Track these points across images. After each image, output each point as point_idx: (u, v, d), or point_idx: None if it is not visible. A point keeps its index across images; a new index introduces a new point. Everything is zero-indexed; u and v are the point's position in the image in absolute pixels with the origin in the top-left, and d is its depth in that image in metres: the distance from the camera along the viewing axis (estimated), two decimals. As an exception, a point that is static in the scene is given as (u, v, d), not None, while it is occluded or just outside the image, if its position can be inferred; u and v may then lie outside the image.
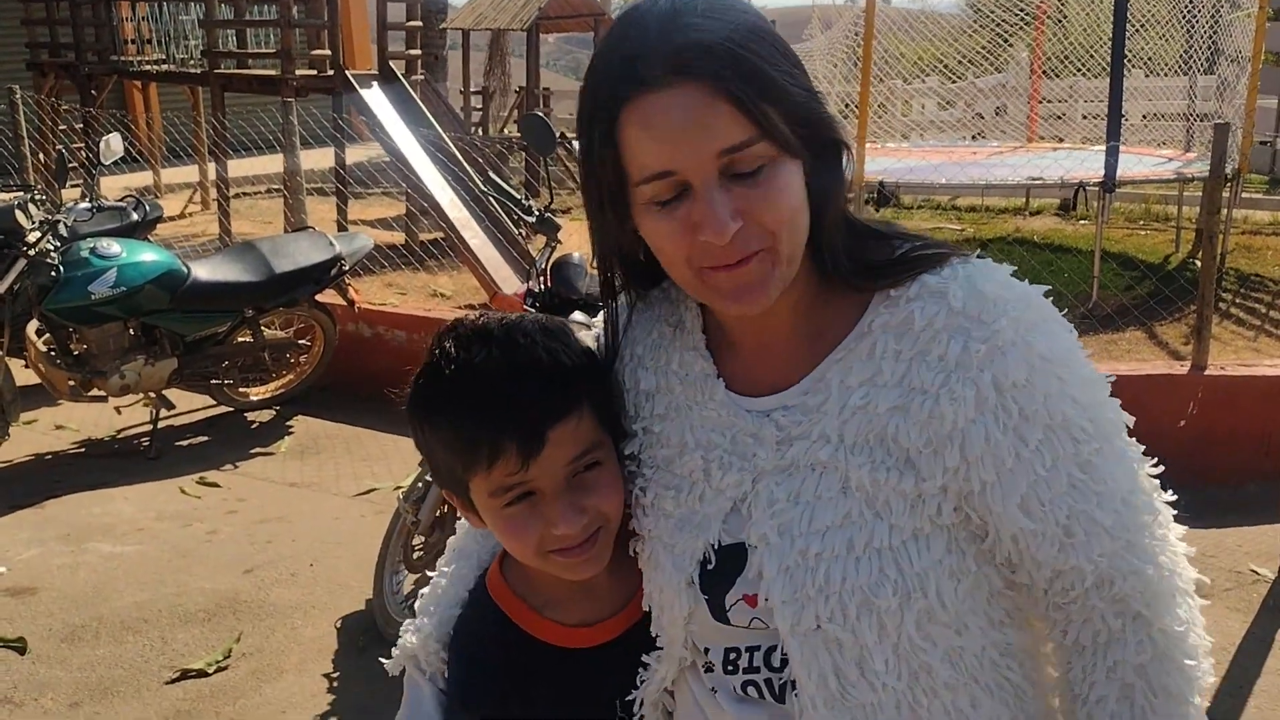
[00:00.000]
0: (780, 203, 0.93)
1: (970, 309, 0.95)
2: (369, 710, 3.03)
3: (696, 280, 0.97)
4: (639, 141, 0.93)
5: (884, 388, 0.97)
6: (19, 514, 4.33)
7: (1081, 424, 0.95)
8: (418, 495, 3.33)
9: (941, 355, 0.95)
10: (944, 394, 0.94)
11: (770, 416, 1.03)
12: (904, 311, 0.97)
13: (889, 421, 0.96)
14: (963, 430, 0.94)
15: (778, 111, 0.92)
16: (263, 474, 4.82)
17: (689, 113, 0.90)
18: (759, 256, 0.94)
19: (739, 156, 0.91)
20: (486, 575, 1.23)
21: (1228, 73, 8.30)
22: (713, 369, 1.08)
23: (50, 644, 3.36)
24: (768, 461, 1.02)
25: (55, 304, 4.64)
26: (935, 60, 10.65)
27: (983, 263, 1.00)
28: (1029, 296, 0.98)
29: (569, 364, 1.08)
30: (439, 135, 7.51)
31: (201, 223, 10.53)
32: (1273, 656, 3.20)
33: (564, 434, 1.05)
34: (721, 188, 0.92)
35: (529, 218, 3.46)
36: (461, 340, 1.09)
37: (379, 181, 10.48)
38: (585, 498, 1.08)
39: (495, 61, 15.37)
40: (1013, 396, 0.93)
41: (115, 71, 10.53)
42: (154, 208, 6.14)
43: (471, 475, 1.08)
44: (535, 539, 1.07)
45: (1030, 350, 0.94)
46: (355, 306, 5.50)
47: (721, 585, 1.04)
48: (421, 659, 1.24)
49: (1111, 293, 6.81)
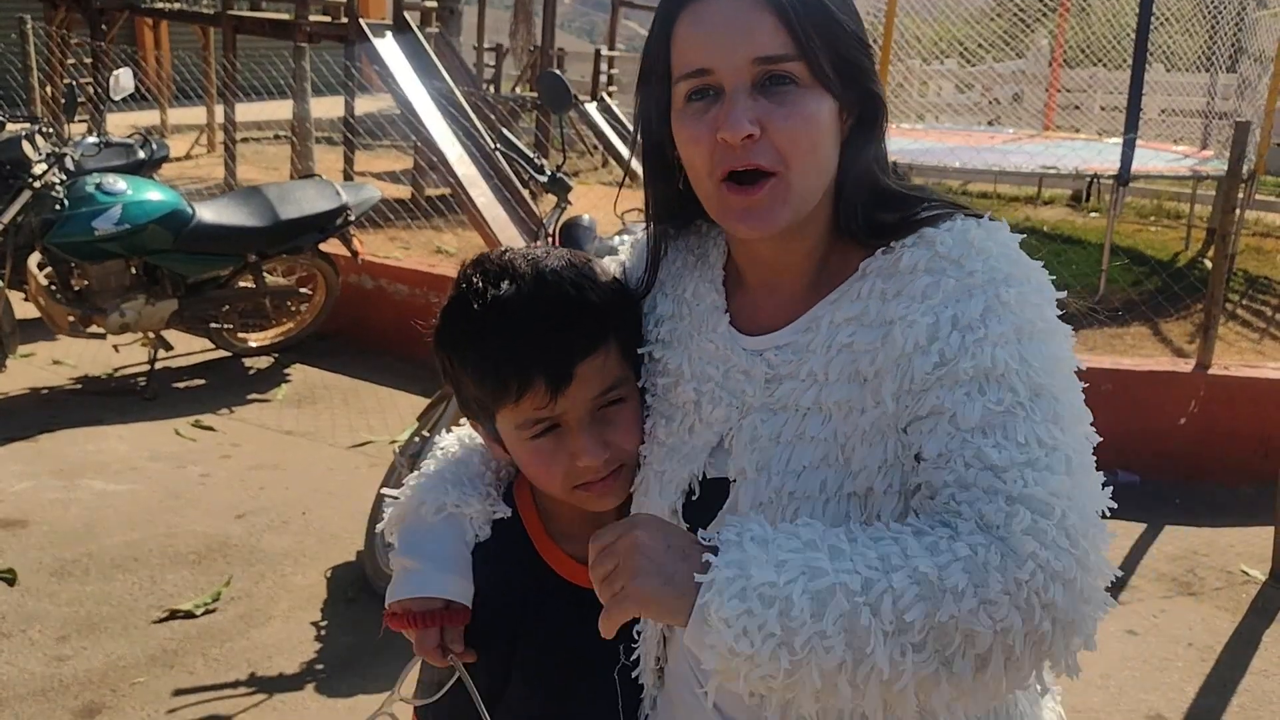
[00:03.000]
0: (798, 128, 0.97)
1: (953, 253, 0.96)
2: (355, 660, 3.03)
3: (715, 194, 1.00)
4: (686, 38, 0.99)
5: (867, 326, 0.99)
6: (12, 446, 4.32)
7: (1016, 376, 0.91)
8: (414, 450, 3.32)
9: (915, 292, 0.96)
10: (902, 322, 0.96)
11: (763, 355, 1.06)
12: (896, 255, 0.99)
13: (863, 356, 0.98)
14: (908, 355, 0.95)
15: (822, 40, 0.97)
16: (258, 420, 4.80)
17: (736, 16, 0.96)
18: (770, 185, 0.97)
19: (774, 68, 0.96)
20: (515, 488, 1.24)
21: (1249, 72, 8.21)
22: (722, 302, 1.11)
23: (40, 577, 3.36)
24: (755, 399, 1.05)
25: (58, 238, 4.61)
26: (954, 42, 10.54)
27: (987, 221, 1.01)
28: (1015, 255, 0.98)
29: (596, 300, 1.11)
30: (451, 90, 7.43)
31: (207, 165, 10.46)
32: (1258, 658, 3.21)
33: (591, 369, 1.09)
34: (750, 95, 0.96)
35: (541, 177, 3.42)
36: (489, 275, 1.11)
37: (388, 133, 10.40)
38: (609, 432, 1.12)
39: (520, 20, 15.22)
40: (963, 333, 0.93)
41: (127, 7, 10.39)
42: (161, 146, 6.10)
43: (499, 407, 1.11)
44: (561, 471, 1.11)
45: (995, 298, 0.94)
46: (359, 258, 5.47)
47: (704, 517, 1.06)
48: (473, 512, 1.21)
49: (1119, 286, 6.78)
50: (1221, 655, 3.21)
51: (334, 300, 5.52)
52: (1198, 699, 2.99)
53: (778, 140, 0.96)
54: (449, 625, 1.17)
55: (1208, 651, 3.22)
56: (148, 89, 10.33)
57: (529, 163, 3.46)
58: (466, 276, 1.14)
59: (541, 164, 3.48)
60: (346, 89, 7.64)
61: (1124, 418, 4.30)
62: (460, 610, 1.18)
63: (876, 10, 8.10)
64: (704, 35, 0.97)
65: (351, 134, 7.69)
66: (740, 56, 0.96)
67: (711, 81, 0.98)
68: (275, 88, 7.85)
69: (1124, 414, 4.30)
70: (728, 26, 0.96)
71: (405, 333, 5.65)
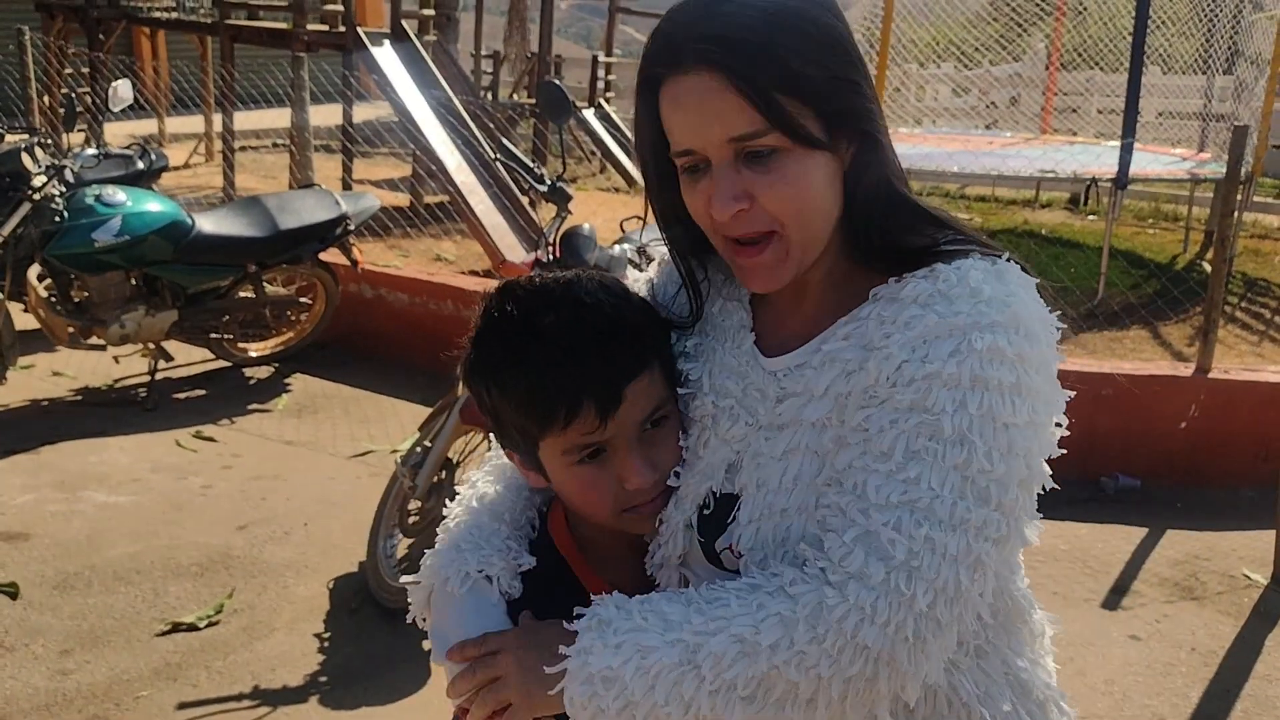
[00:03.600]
0: (787, 192, 0.98)
1: (950, 291, 0.96)
2: (359, 671, 3.03)
3: (725, 250, 1.05)
4: (669, 117, 1.01)
5: (855, 345, 1.01)
6: (14, 459, 4.31)
7: (944, 424, 0.92)
8: (416, 460, 3.32)
9: (901, 321, 0.97)
10: (879, 352, 0.97)
11: (776, 376, 1.08)
12: (903, 285, 1.00)
13: (841, 375, 1.01)
14: (867, 389, 0.98)
15: (796, 104, 0.96)
16: (259, 431, 4.80)
17: (704, 99, 0.97)
18: (772, 245, 1.01)
19: (750, 145, 0.97)
20: (549, 523, 1.23)
21: (1246, 74, 8.23)
22: (749, 321, 1.13)
23: (42, 590, 3.36)
24: (765, 418, 1.07)
25: (58, 250, 4.61)
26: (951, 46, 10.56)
27: (999, 262, 1.00)
28: (1011, 303, 0.95)
29: (636, 321, 1.11)
30: (449, 98, 7.44)
31: (204, 174, 10.46)
32: (1261, 662, 3.21)
33: (639, 390, 1.08)
34: (734, 168, 0.99)
35: (541, 186, 3.42)
36: (524, 303, 1.10)
37: (386, 141, 10.40)
38: (654, 453, 1.11)
39: (514, 27, 15.24)
40: (921, 366, 0.94)
41: (125, 17, 10.42)
42: (159, 157, 6.10)
43: (545, 434, 1.09)
44: (611, 496, 1.10)
45: (967, 343, 0.93)
46: (359, 267, 5.47)
47: (715, 531, 1.08)
48: (497, 571, 1.18)
49: (1118, 290, 6.79)
50: (1225, 660, 3.21)
51: (333, 309, 5.52)
52: (1201, 704, 3.00)
53: (769, 207, 0.98)
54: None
55: (1211, 656, 3.22)
56: (145, 98, 10.32)
57: (529, 172, 3.46)
58: (498, 305, 1.11)
59: (541, 173, 3.49)
60: (345, 97, 7.65)
61: (1124, 421, 4.30)
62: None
63: (873, 15, 8.12)
64: (681, 117, 0.99)
65: (350, 142, 7.70)
66: (716, 137, 0.98)
67: (698, 159, 1.00)
68: (270, 96, 7.85)
69: (1124, 418, 4.30)
70: (699, 109, 0.97)
71: (405, 341, 5.69)
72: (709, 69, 0.96)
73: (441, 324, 5.36)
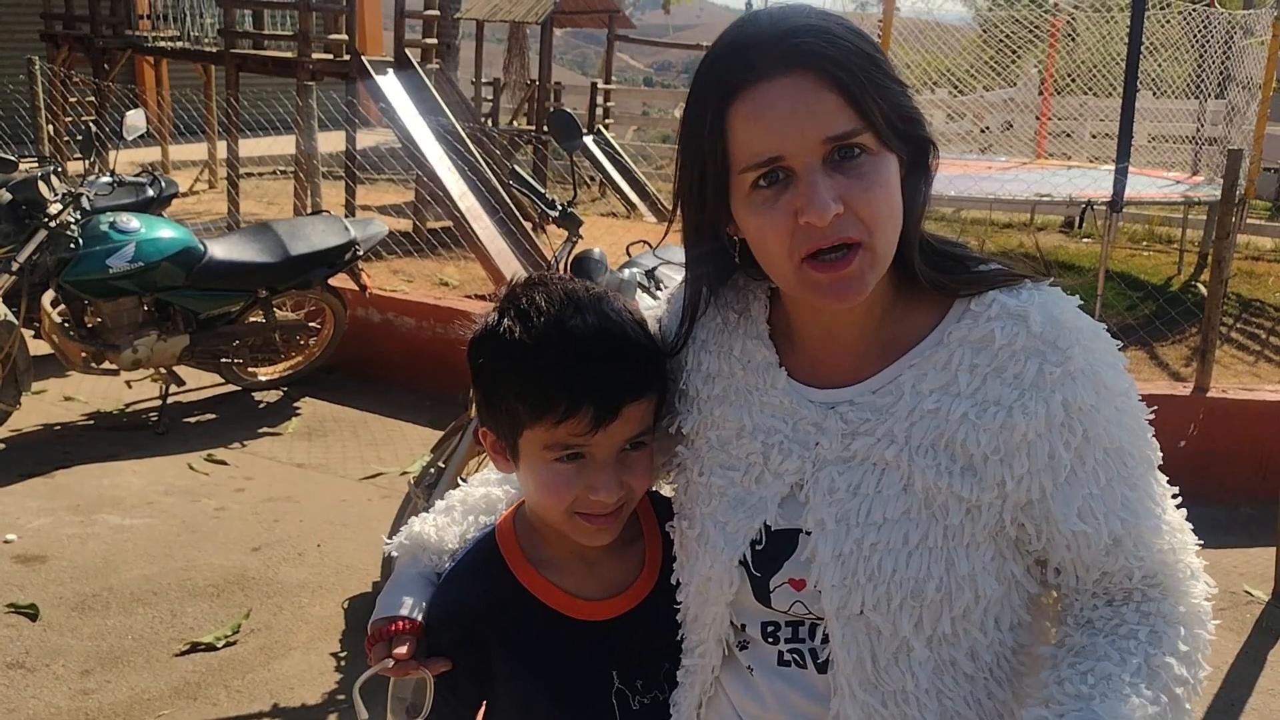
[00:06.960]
0: (878, 195, 0.98)
1: (1048, 334, 1.01)
2: (377, 690, 3.06)
3: (795, 275, 1.00)
4: (748, 129, 0.97)
5: (958, 397, 1.02)
6: (29, 482, 4.36)
7: (1131, 450, 1.04)
8: (429, 481, 3.36)
9: (1017, 374, 1.01)
10: (1018, 408, 1.00)
11: (836, 409, 1.07)
12: (984, 329, 1.02)
13: (959, 429, 1.01)
14: (1030, 442, 1.00)
15: (881, 106, 0.98)
16: (270, 453, 4.85)
17: (798, 100, 0.96)
18: (860, 255, 0.98)
19: (845, 143, 0.96)
20: (497, 523, 1.29)
21: (1238, 98, 8.35)
22: (775, 357, 1.12)
23: (61, 612, 3.40)
24: (831, 451, 1.07)
25: (73, 276, 4.67)
26: (944, 72, 10.68)
27: (1056, 291, 1.05)
28: (1097, 330, 1.05)
29: (649, 348, 1.15)
30: (453, 125, 7.53)
31: (208, 200, 10.54)
32: (1264, 676, 3.26)
33: (635, 411, 1.12)
34: (824, 173, 0.96)
35: (553, 212, 3.49)
36: (552, 298, 1.14)
37: (390, 166, 10.49)
38: (626, 474, 1.15)
39: (514, 54, 15.38)
40: (1079, 419, 1.01)
41: (130, 46, 10.53)
42: (169, 184, 6.18)
43: (535, 424, 1.12)
44: (570, 497, 1.14)
45: (1098, 379, 1.01)
46: (367, 292, 5.54)
47: (769, 567, 1.09)
48: (431, 552, 1.30)
49: (1115, 311, 6.87)
50: (1228, 675, 3.26)
51: (341, 333, 5.59)
52: (1205, 719, 3.04)
53: (861, 213, 0.97)
54: (398, 634, 1.21)
55: (1214, 672, 3.25)
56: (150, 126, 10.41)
57: (540, 198, 3.54)
58: (525, 293, 1.15)
59: (552, 199, 3.56)
60: (349, 124, 7.73)
61: (1125, 441, 4.36)
62: (413, 622, 1.23)
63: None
64: (766, 125, 0.96)
65: (354, 168, 7.78)
66: (811, 139, 0.95)
67: (781, 166, 0.97)
68: (274, 124, 7.94)
69: (1125, 437, 4.36)
70: (792, 111, 0.95)
71: (412, 365, 5.74)
72: (802, 70, 0.95)
73: (448, 348, 5.42)
